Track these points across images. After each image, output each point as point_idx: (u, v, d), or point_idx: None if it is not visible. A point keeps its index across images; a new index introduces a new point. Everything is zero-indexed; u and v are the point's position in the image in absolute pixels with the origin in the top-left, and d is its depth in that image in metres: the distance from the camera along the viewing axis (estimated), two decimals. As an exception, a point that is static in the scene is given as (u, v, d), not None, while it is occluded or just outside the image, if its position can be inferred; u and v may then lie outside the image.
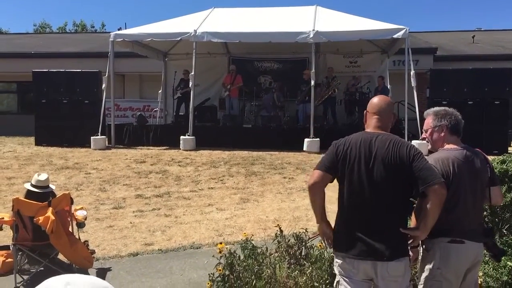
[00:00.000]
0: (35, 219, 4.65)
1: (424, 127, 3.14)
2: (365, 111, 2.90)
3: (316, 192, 2.71)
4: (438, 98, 11.13)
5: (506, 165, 4.31)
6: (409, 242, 2.72)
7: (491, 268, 3.88)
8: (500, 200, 3.23)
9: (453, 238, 2.85)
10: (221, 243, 4.13)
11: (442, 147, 3.02)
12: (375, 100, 2.90)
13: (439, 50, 18.12)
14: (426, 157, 2.75)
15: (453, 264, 2.86)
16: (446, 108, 3.12)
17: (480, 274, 3.93)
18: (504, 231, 4.21)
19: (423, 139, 3.17)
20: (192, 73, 12.36)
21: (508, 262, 3.82)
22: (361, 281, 2.65)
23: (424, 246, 2.95)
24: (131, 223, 6.73)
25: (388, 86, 13.86)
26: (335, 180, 2.77)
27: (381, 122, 2.79)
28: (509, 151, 10.18)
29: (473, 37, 21.38)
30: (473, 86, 11.79)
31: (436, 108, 3.13)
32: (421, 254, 3.01)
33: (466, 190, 2.90)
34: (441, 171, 2.82)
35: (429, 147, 3.14)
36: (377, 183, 2.61)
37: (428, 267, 2.91)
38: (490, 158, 3.34)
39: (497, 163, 4.37)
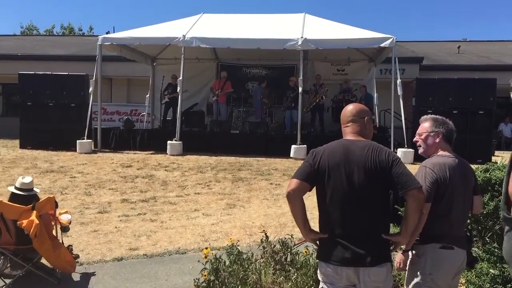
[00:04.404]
0: (18, 223, 4.59)
1: (419, 131, 3.18)
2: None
3: (293, 201, 2.68)
4: (424, 107, 11.25)
5: (489, 174, 4.38)
6: (391, 248, 2.74)
7: (474, 276, 3.93)
8: (480, 209, 3.32)
9: (444, 244, 2.89)
10: (206, 248, 4.12)
11: (435, 153, 3.07)
12: (344, 109, 2.91)
13: (425, 59, 18.35)
14: (417, 162, 2.77)
15: (445, 270, 2.90)
16: (443, 117, 3.20)
17: (463, 281, 3.98)
18: (487, 239, 4.26)
19: (415, 142, 3.21)
20: (180, 78, 12.35)
21: (490, 270, 3.87)
22: (344, 287, 2.67)
23: (414, 251, 2.98)
24: (116, 227, 6.68)
25: (375, 94, 13.97)
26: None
27: (355, 129, 2.79)
28: (492, 160, 10.31)
29: (458, 47, 21.70)
30: (458, 95, 11.94)
31: (434, 115, 3.20)
32: (410, 259, 3.04)
33: (459, 197, 2.96)
34: (438, 176, 2.87)
35: (421, 151, 3.17)
36: (358, 190, 2.61)
37: (419, 273, 2.94)
38: (473, 167, 3.41)
39: (481, 171, 4.44)
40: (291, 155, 11.69)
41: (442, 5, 75.18)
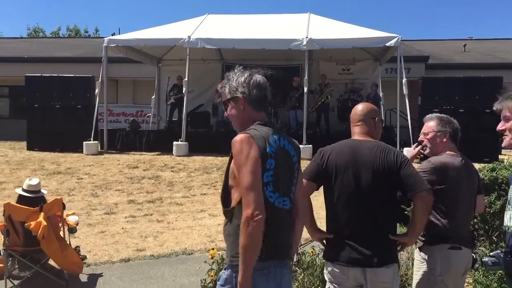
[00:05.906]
0: (26, 224, 4.62)
1: (425, 130, 3.13)
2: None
3: None
4: (430, 106, 11.20)
5: (496, 173, 4.36)
6: (398, 249, 2.74)
7: (481, 275, 3.92)
8: (483, 208, 3.30)
9: (453, 244, 2.86)
10: (213, 249, 4.13)
11: (442, 152, 3.04)
12: (355, 108, 2.89)
13: (431, 58, 18.27)
14: (426, 160, 2.76)
15: (454, 271, 2.87)
16: (448, 116, 3.17)
17: (471, 280, 3.97)
18: (494, 238, 4.25)
19: (421, 141, 3.16)
20: (186, 79, 12.37)
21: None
22: (351, 287, 2.65)
23: (422, 253, 2.95)
24: (123, 228, 6.71)
25: (381, 94, 13.94)
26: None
27: (364, 129, 2.77)
28: (499, 159, 10.27)
29: (464, 45, 21.59)
30: (464, 94, 11.90)
31: (439, 114, 3.16)
32: (416, 260, 3.02)
33: (465, 196, 2.94)
34: (444, 175, 2.86)
35: (427, 151, 3.12)
36: (365, 190, 2.60)
37: (428, 274, 2.91)
38: (480, 165, 3.39)
39: (487, 170, 4.42)
40: (297, 155, 11.67)
41: (447, 3, 74.96)
